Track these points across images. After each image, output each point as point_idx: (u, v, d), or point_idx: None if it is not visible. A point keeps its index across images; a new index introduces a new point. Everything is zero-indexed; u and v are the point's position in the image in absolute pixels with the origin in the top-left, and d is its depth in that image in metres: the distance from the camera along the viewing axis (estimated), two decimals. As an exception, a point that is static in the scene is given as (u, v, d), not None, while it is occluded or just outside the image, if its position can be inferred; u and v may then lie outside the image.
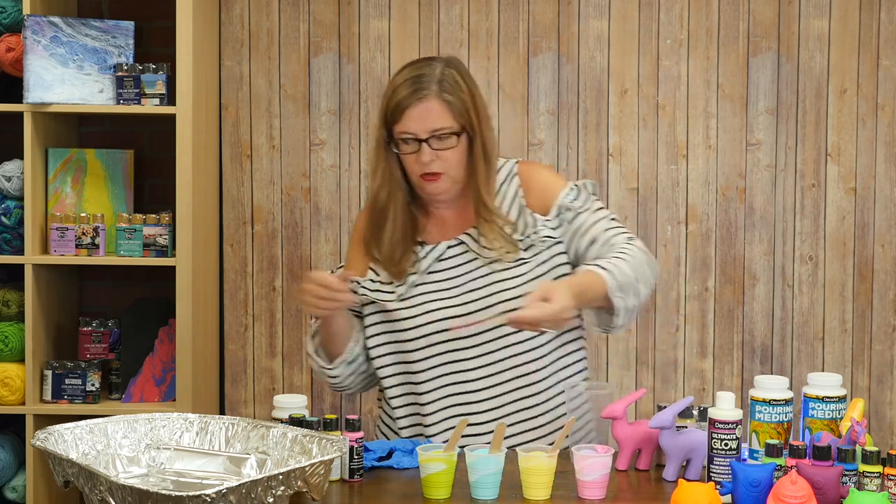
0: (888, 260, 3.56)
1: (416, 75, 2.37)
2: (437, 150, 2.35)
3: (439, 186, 2.39)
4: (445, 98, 2.35)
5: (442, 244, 2.44)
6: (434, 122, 2.34)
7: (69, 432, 2.03)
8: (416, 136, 2.34)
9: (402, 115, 2.34)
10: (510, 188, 2.47)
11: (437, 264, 2.43)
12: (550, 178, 2.49)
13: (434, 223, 2.47)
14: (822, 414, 2.15)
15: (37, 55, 3.23)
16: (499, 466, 2.08)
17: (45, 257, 3.26)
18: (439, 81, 2.36)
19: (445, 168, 2.36)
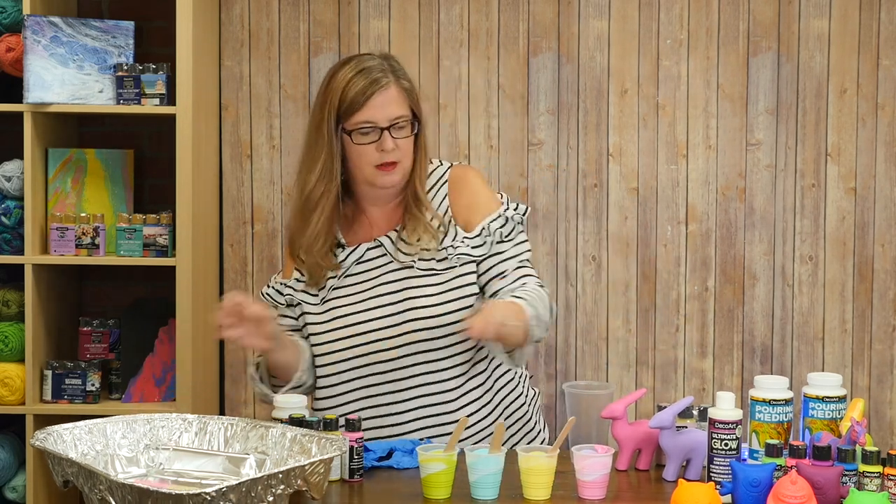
0: (888, 260, 3.56)
1: (366, 66, 2.38)
2: (397, 138, 2.36)
3: (394, 178, 2.39)
4: (403, 85, 2.39)
5: (362, 246, 2.44)
6: (395, 110, 2.36)
7: (68, 432, 2.03)
8: (377, 125, 2.35)
9: (363, 104, 2.34)
10: (439, 192, 2.47)
11: (355, 267, 2.44)
12: (481, 194, 2.47)
13: (360, 225, 2.48)
14: (822, 414, 2.15)
15: (37, 55, 3.23)
16: (499, 466, 2.08)
17: (45, 257, 3.26)
18: (393, 70, 2.39)
19: (401, 157, 2.38)
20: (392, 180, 2.39)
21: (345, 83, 2.37)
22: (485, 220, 2.43)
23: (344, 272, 2.44)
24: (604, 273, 3.56)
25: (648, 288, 3.57)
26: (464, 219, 2.45)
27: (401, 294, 2.41)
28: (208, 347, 3.46)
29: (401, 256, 2.41)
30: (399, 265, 2.42)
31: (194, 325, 3.28)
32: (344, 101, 2.36)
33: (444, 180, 2.48)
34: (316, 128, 2.41)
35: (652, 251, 3.57)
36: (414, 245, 2.41)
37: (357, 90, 2.35)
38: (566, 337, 3.57)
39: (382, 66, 2.39)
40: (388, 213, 2.47)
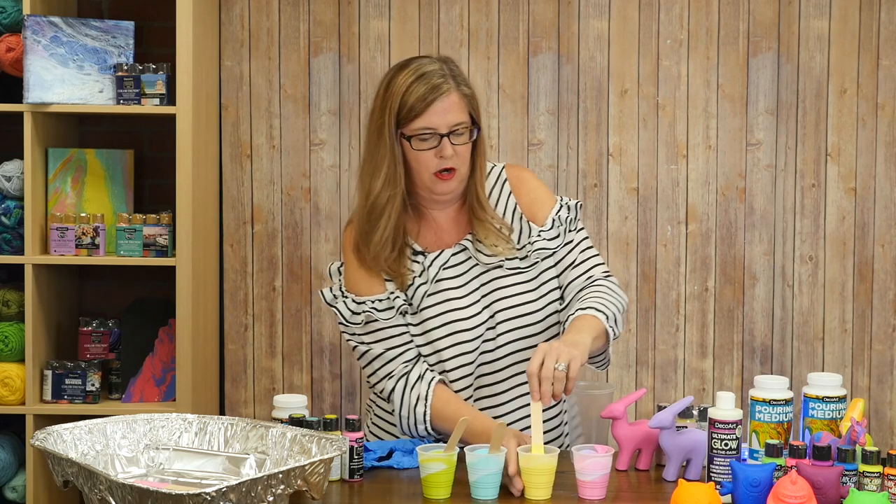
0: (888, 260, 3.56)
1: (426, 72, 2.34)
2: (456, 145, 2.34)
3: (451, 185, 2.37)
4: (464, 91, 2.36)
5: (446, 252, 2.42)
6: (455, 117, 2.33)
7: (68, 433, 2.03)
8: (437, 131, 2.32)
9: (424, 110, 2.31)
10: (503, 192, 2.47)
11: (443, 272, 2.42)
12: (540, 188, 2.50)
13: (428, 229, 2.45)
14: (822, 414, 2.15)
15: (37, 55, 3.23)
16: (499, 466, 2.08)
17: (45, 257, 3.26)
18: (454, 76, 2.36)
19: (459, 164, 2.36)
20: (449, 187, 2.38)
21: (404, 88, 2.33)
22: (551, 212, 2.45)
23: (433, 277, 2.41)
24: (604, 273, 3.56)
25: (648, 288, 3.57)
26: (530, 214, 2.46)
27: (494, 295, 2.41)
28: (208, 347, 3.46)
29: (484, 259, 2.41)
30: (485, 267, 2.42)
31: (194, 325, 3.28)
32: (404, 106, 2.32)
33: (504, 179, 2.48)
34: (377, 133, 2.37)
35: (652, 251, 3.57)
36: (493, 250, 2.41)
37: (417, 96, 2.31)
38: (566, 337, 3.57)
39: (442, 71, 2.35)
40: (454, 217, 2.45)
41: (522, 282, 2.41)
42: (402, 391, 2.38)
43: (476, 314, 2.39)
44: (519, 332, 2.40)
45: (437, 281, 2.41)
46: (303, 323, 3.60)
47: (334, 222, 3.58)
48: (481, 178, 2.42)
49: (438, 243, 2.44)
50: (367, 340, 2.42)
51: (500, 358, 2.41)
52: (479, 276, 2.42)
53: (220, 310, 3.59)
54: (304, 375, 3.61)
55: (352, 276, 2.44)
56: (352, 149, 3.58)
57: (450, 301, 2.40)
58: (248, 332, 3.61)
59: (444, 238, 2.45)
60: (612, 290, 2.40)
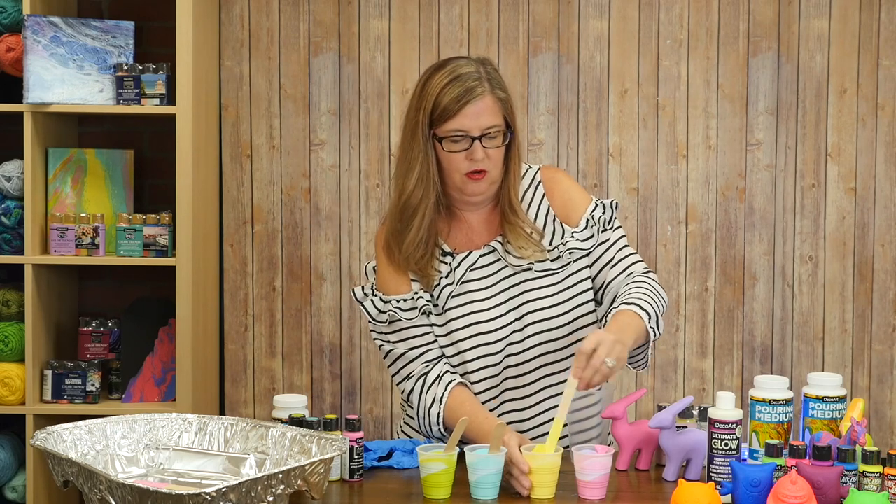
0: (888, 260, 3.56)
1: (461, 74, 2.33)
2: (488, 148, 2.33)
3: (481, 186, 2.37)
4: (498, 95, 2.35)
5: (474, 253, 2.41)
6: (488, 120, 2.33)
7: (68, 432, 2.03)
8: (469, 134, 2.32)
9: (457, 112, 2.30)
10: (536, 194, 2.46)
11: (470, 273, 2.42)
12: (574, 189, 2.49)
13: (459, 230, 2.44)
14: (822, 414, 2.15)
15: (37, 55, 3.23)
16: (499, 466, 2.08)
17: (45, 257, 3.26)
18: (489, 79, 2.35)
19: (490, 167, 2.35)
20: (479, 188, 2.37)
21: (439, 89, 2.32)
22: (585, 212, 2.44)
23: (460, 279, 2.41)
24: (604, 273, 3.56)
25: (648, 288, 3.57)
26: (563, 216, 2.44)
27: (522, 297, 2.39)
28: (208, 347, 3.46)
29: (513, 261, 2.40)
30: (515, 269, 2.41)
31: (194, 325, 3.28)
32: (437, 107, 2.31)
33: (538, 181, 2.47)
34: (411, 132, 2.36)
35: (652, 251, 3.57)
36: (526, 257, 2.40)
37: (451, 98, 2.31)
38: (566, 337, 3.57)
39: (478, 73, 2.34)
40: (485, 219, 2.45)
41: (552, 284, 2.40)
42: (419, 392, 2.38)
43: (500, 316, 2.38)
44: (547, 334, 2.39)
45: (463, 282, 2.40)
46: (303, 323, 3.60)
47: (334, 222, 3.58)
48: (514, 182, 2.41)
49: (468, 244, 2.44)
50: (392, 339, 2.42)
51: (527, 361, 2.40)
52: (508, 277, 2.40)
53: (220, 310, 3.59)
54: (304, 375, 3.61)
55: (381, 274, 2.45)
56: (352, 149, 3.58)
57: (474, 303, 2.39)
58: (248, 332, 3.61)
59: (475, 239, 2.44)
60: (654, 288, 2.39)
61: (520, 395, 2.42)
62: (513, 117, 2.39)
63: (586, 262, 2.44)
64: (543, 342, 2.39)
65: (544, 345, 2.39)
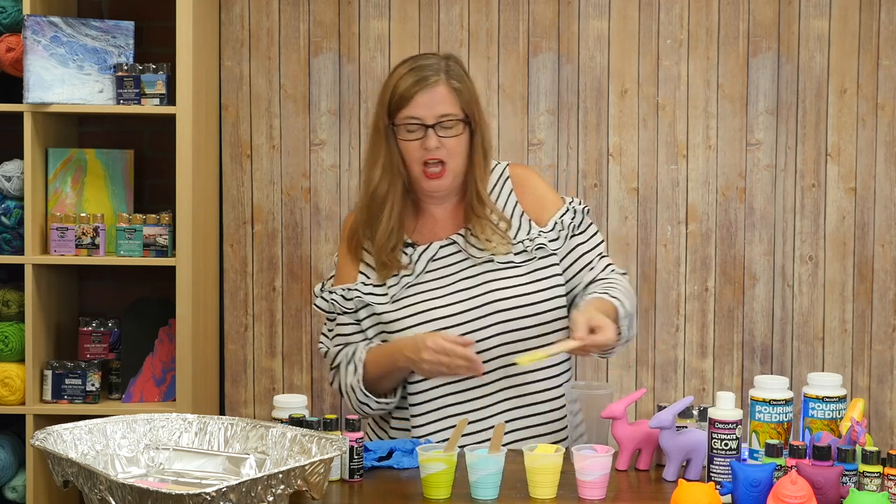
0: (888, 260, 3.56)
1: (420, 65, 2.38)
2: (443, 137, 2.35)
3: (441, 183, 2.39)
4: (453, 85, 2.38)
5: (434, 244, 2.43)
6: (441, 108, 2.35)
7: (68, 433, 2.03)
8: (423, 122, 2.34)
9: (409, 100, 2.35)
10: (503, 190, 2.47)
11: (431, 264, 2.43)
12: (545, 189, 2.51)
13: (424, 223, 2.47)
14: (822, 414, 2.15)
15: (37, 55, 3.23)
16: (499, 466, 2.08)
17: (45, 257, 3.26)
18: (446, 70, 2.38)
19: (448, 157, 2.37)
20: (440, 185, 2.39)
21: (397, 79, 2.38)
22: (555, 214, 2.45)
23: (422, 270, 2.42)
24: (604, 273, 3.56)
25: (648, 288, 3.57)
26: (535, 215, 2.46)
27: (482, 287, 2.40)
28: (208, 347, 3.46)
29: (475, 252, 2.41)
30: (476, 260, 2.42)
31: (194, 325, 3.28)
32: (394, 96, 2.37)
33: (506, 177, 2.48)
34: (374, 124, 2.42)
35: (652, 251, 3.57)
36: (488, 248, 2.40)
37: (406, 86, 2.36)
38: (566, 337, 3.57)
39: (437, 65, 2.38)
40: (451, 212, 2.46)
41: (516, 276, 2.41)
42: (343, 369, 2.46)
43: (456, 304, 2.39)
44: (510, 324, 2.39)
45: (424, 272, 2.43)
46: (303, 323, 3.60)
47: (334, 222, 3.58)
48: (481, 174, 2.42)
49: (432, 237, 2.46)
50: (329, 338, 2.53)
51: (488, 349, 2.39)
52: (467, 269, 2.42)
53: (220, 310, 3.59)
54: (304, 375, 3.61)
55: (339, 261, 2.52)
56: (352, 149, 3.58)
57: (430, 291, 2.41)
58: (248, 332, 3.61)
59: (439, 233, 2.46)
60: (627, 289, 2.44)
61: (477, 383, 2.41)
62: (473, 110, 2.40)
63: (554, 260, 2.44)
64: (506, 332, 2.39)
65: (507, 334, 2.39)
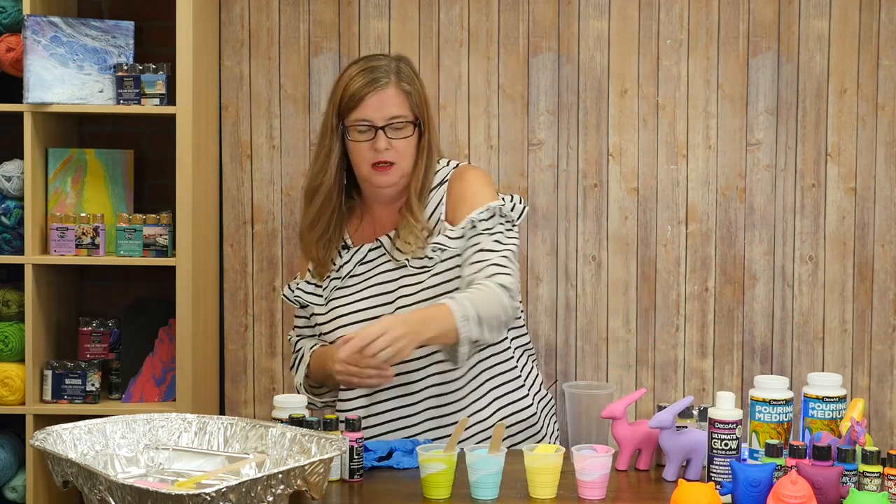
0: (888, 260, 3.56)
1: (371, 66, 2.40)
2: (392, 138, 2.37)
3: (390, 178, 2.40)
4: (404, 87, 2.39)
5: (364, 247, 2.46)
6: (392, 110, 2.37)
7: (67, 433, 2.03)
8: (373, 124, 2.36)
9: (360, 102, 2.37)
10: (440, 192, 2.47)
11: (359, 267, 2.45)
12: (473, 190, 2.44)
13: (367, 223, 2.49)
14: (822, 414, 2.15)
15: (37, 55, 3.23)
16: (499, 466, 2.08)
17: (45, 257, 3.26)
18: (397, 72, 2.40)
19: (397, 158, 2.39)
20: (387, 180, 2.40)
21: (348, 80, 2.40)
22: (471, 213, 2.42)
23: (348, 273, 2.44)
24: (604, 273, 3.56)
25: (648, 288, 3.57)
26: (452, 214, 2.45)
27: (395, 293, 2.42)
28: (208, 347, 3.46)
29: (397, 255, 2.42)
30: (395, 265, 2.43)
31: (194, 325, 3.28)
32: (345, 97, 2.39)
33: (446, 179, 2.48)
34: (324, 123, 2.45)
35: (652, 251, 3.57)
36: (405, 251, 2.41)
37: (356, 87, 2.37)
38: (566, 337, 3.57)
39: (388, 67, 2.40)
40: (392, 214, 2.48)
41: (422, 281, 2.41)
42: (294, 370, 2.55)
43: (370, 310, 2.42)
44: None
45: (350, 276, 2.45)
46: (303, 323, 3.60)
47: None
48: (420, 175, 2.43)
49: (371, 238, 2.48)
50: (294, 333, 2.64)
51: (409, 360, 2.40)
52: (388, 272, 2.44)
53: (220, 310, 3.59)
54: (304, 375, 3.60)
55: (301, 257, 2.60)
56: (352, 149, 3.58)
57: (352, 295, 2.45)
58: (248, 332, 3.61)
59: (377, 233, 2.49)
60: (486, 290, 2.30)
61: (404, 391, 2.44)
62: (423, 112, 2.41)
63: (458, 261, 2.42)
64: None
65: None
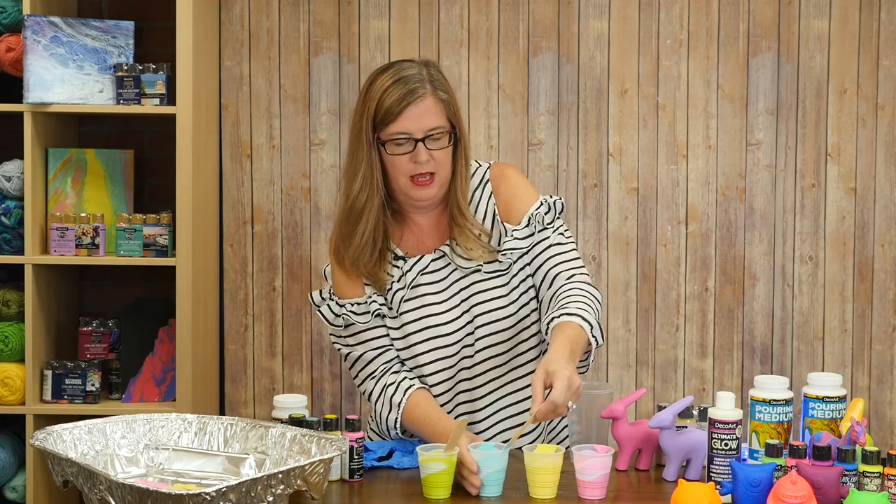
0: (888, 260, 3.56)
1: (404, 76, 2.33)
2: (432, 150, 2.32)
3: (430, 191, 2.36)
4: (440, 97, 2.34)
5: (426, 257, 2.41)
6: (430, 122, 2.32)
7: (68, 433, 2.03)
8: (412, 136, 2.31)
9: (398, 115, 2.30)
10: (484, 193, 2.44)
11: (422, 277, 2.42)
12: (520, 185, 2.45)
13: (410, 234, 2.45)
14: (822, 414, 2.15)
15: (37, 55, 3.23)
16: (504, 464, 2.09)
17: (45, 257, 3.26)
18: (431, 81, 2.34)
19: (437, 168, 2.34)
20: (428, 194, 2.36)
21: (381, 92, 2.32)
22: (529, 209, 2.41)
23: (411, 283, 2.41)
24: (604, 273, 3.56)
25: (648, 288, 3.57)
26: (506, 212, 2.42)
27: (472, 300, 2.40)
28: (208, 347, 3.46)
29: (462, 263, 2.40)
30: (464, 272, 2.40)
31: (194, 325, 3.28)
32: (380, 110, 2.31)
33: (487, 179, 2.45)
34: (356, 136, 2.36)
35: (652, 251, 3.57)
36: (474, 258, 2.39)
37: (393, 100, 2.30)
38: (566, 337, 3.57)
39: (420, 75, 2.33)
40: (435, 221, 2.44)
41: (499, 286, 2.40)
42: (378, 394, 2.41)
43: (454, 319, 2.39)
44: (495, 336, 2.39)
45: (415, 286, 2.41)
46: (303, 323, 3.60)
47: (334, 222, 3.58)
48: (462, 184, 2.40)
49: (420, 248, 2.44)
50: (350, 343, 2.45)
51: (477, 363, 2.41)
52: (458, 280, 2.41)
53: (220, 310, 3.59)
54: (304, 375, 3.61)
55: (334, 278, 2.46)
56: (352, 149, 3.58)
57: (428, 306, 2.40)
58: (248, 332, 3.61)
59: (426, 242, 2.44)
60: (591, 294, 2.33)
61: (473, 396, 2.43)
62: (457, 118, 2.37)
63: (528, 259, 2.42)
64: (492, 344, 2.40)
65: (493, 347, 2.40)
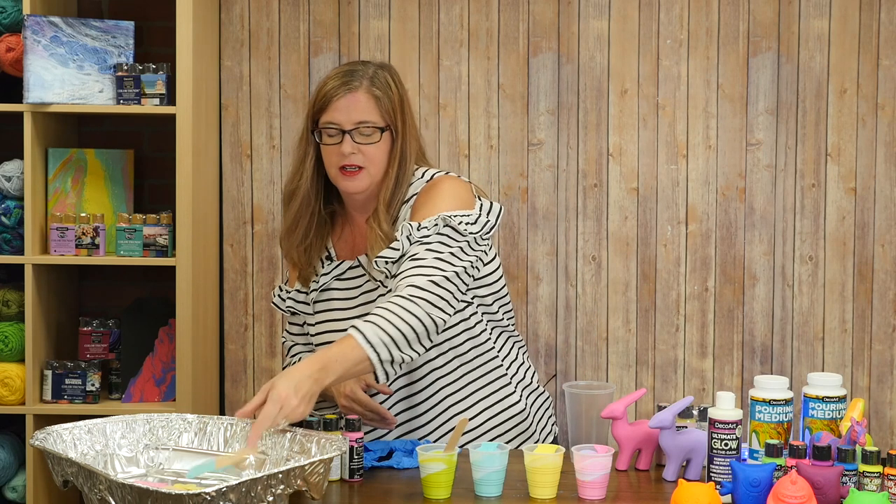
0: (888, 260, 3.56)
1: (348, 70, 2.40)
2: (360, 143, 2.35)
3: (356, 184, 2.37)
4: (374, 93, 2.37)
5: (345, 263, 2.45)
6: (360, 115, 2.35)
7: (67, 432, 2.03)
8: (341, 127, 2.35)
9: (329, 104, 2.36)
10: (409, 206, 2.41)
11: (335, 282, 2.45)
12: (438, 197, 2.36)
13: (349, 234, 2.47)
14: (822, 414, 2.15)
15: (37, 55, 3.23)
16: (503, 464, 2.09)
17: (45, 257, 3.26)
18: (371, 78, 2.39)
19: (367, 164, 2.36)
20: (354, 186, 2.37)
21: (324, 82, 2.41)
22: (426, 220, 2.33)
23: (322, 286, 2.45)
24: (604, 273, 3.57)
25: (648, 288, 3.57)
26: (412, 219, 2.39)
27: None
28: (208, 347, 3.46)
29: (376, 274, 2.41)
30: (376, 284, 2.42)
31: (194, 325, 3.28)
32: (318, 99, 2.39)
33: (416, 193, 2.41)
34: (303, 125, 2.46)
35: (652, 251, 3.57)
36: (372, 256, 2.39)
37: (328, 89, 2.38)
38: (566, 337, 3.57)
39: (364, 72, 2.38)
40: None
41: None
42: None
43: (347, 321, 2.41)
44: None
45: (325, 289, 2.46)
46: (303, 323, 3.60)
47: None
48: (388, 184, 2.39)
49: (353, 250, 2.47)
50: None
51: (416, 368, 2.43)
52: (369, 292, 2.43)
53: (220, 310, 3.59)
54: (304, 375, 3.60)
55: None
56: (352, 149, 3.58)
57: (333, 311, 2.45)
58: (248, 332, 3.61)
59: (358, 246, 2.47)
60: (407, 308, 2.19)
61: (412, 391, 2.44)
62: (394, 118, 2.38)
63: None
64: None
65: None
